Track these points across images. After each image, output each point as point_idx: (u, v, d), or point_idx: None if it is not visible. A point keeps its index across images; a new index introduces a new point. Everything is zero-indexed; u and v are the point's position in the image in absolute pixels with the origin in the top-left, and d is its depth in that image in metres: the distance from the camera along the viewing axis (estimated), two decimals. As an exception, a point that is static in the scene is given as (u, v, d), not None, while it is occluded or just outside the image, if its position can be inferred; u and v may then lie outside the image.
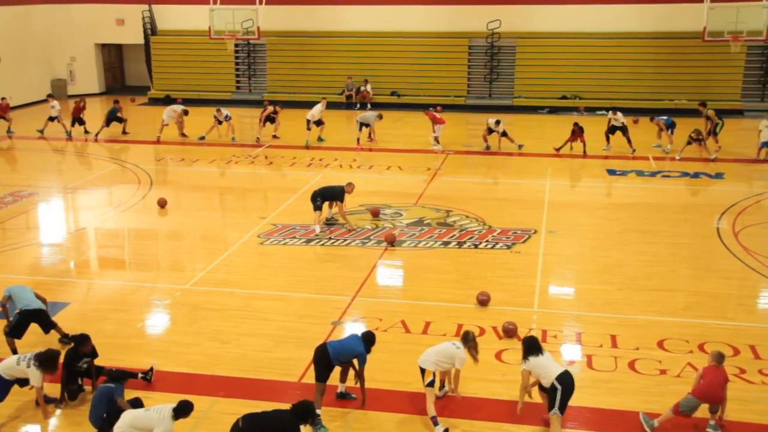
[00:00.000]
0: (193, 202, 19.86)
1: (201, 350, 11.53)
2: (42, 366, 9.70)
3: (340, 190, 16.75)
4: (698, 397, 9.25)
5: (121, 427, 8.59)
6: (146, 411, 8.78)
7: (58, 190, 20.80)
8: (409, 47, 33.10)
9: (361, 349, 9.74)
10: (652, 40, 31.43)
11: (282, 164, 23.15)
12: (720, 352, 9.59)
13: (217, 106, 26.73)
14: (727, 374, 9.44)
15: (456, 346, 9.67)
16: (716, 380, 9.28)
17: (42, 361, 9.73)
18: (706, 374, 9.37)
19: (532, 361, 9.20)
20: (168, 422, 8.55)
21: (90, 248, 16.65)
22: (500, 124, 24.11)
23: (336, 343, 9.96)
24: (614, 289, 13.71)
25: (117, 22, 36.18)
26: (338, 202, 16.73)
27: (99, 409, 9.26)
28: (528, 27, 32.51)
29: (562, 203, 19.01)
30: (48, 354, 9.85)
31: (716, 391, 9.23)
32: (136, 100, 35.16)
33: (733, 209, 18.24)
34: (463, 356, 9.60)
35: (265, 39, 33.65)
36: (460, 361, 9.60)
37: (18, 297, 11.49)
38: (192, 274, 14.59)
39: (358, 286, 13.81)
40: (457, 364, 9.59)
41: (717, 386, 9.24)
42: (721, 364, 9.46)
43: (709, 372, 9.37)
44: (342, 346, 9.80)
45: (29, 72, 34.18)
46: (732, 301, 13.40)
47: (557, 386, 8.90)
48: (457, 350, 9.63)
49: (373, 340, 9.95)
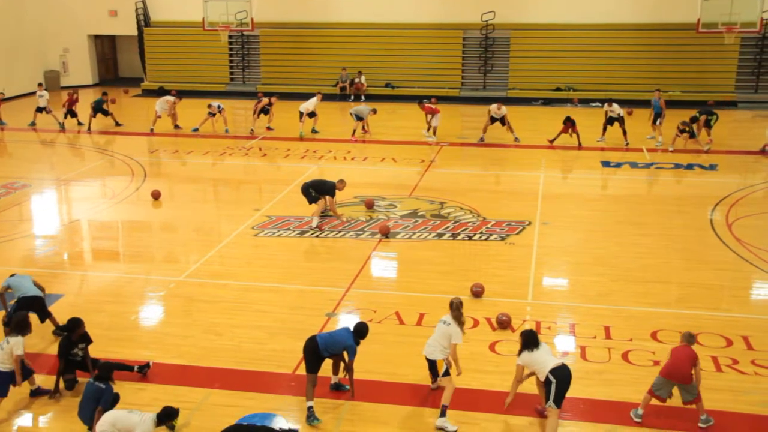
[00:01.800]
0: (187, 193, 19.83)
1: (195, 342, 11.53)
2: (17, 329, 9.83)
3: (331, 185, 16.71)
4: (665, 375, 9.34)
5: (102, 426, 8.60)
6: (129, 413, 8.75)
7: (51, 182, 20.74)
8: (404, 39, 33.04)
9: (350, 341, 9.71)
10: (646, 32, 31.43)
11: (276, 156, 23.12)
12: (690, 333, 9.68)
13: (208, 102, 26.58)
14: (696, 355, 9.43)
15: (446, 323, 9.63)
16: (681, 357, 9.34)
17: (15, 326, 9.88)
18: (672, 353, 9.46)
19: (525, 356, 9.19)
20: (149, 425, 8.56)
21: (83, 240, 16.61)
22: (502, 108, 24.08)
23: (326, 335, 9.95)
24: (608, 280, 13.74)
25: (110, 13, 36.02)
26: (329, 197, 16.70)
27: (88, 408, 9.19)
28: (522, 18, 32.48)
29: (556, 195, 19.02)
30: (18, 318, 10.04)
31: (681, 368, 9.26)
32: (130, 91, 35.05)
33: (727, 200, 18.29)
34: (458, 330, 9.55)
35: (259, 30, 33.56)
36: (457, 336, 9.53)
37: (17, 287, 11.53)
38: (186, 266, 14.58)
39: (353, 278, 13.81)
40: (454, 339, 9.53)
41: (681, 363, 9.28)
42: (691, 344, 9.53)
43: (676, 350, 9.47)
44: (332, 338, 9.78)
45: (22, 63, 34.04)
46: (725, 292, 13.45)
47: (551, 379, 8.92)
48: (448, 327, 9.59)
49: (364, 333, 9.89)
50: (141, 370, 10.52)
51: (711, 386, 10.13)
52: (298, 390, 9.99)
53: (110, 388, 9.29)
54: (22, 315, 10.22)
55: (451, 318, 9.63)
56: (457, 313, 9.64)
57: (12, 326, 9.98)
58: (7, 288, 11.65)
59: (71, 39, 36.09)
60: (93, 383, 9.31)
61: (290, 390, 10.17)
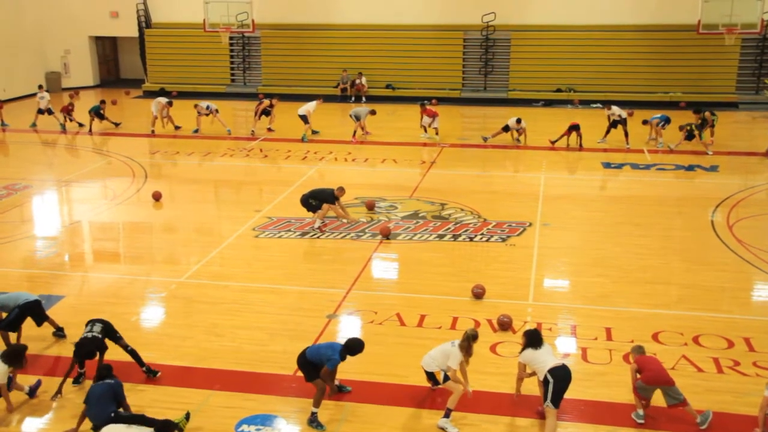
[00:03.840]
0: (188, 195, 19.83)
1: (196, 343, 11.52)
2: (7, 360, 9.62)
3: (330, 192, 16.59)
4: (646, 382, 9.37)
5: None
6: (128, 428, 8.60)
7: (52, 183, 20.74)
8: (404, 40, 33.04)
9: (334, 355, 9.53)
10: (646, 33, 31.42)
11: (277, 157, 23.11)
12: (639, 345, 9.97)
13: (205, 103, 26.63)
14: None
15: (452, 345, 9.58)
16: (655, 362, 9.52)
17: (8, 356, 9.66)
18: (645, 363, 9.49)
19: (527, 353, 9.27)
20: None
21: (84, 241, 16.61)
22: (521, 122, 24.17)
23: (314, 347, 9.87)
24: (609, 281, 13.73)
25: (111, 14, 36.04)
26: (331, 205, 16.61)
27: (106, 407, 8.96)
28: (523, 20, 32.49)
29: (557, 196, 19.01)
30: (15, 348, 9.84)
31: (660, 371, 9.39)
32: (131, 93, 35.06)
33: (728, 202, 18.28)
34: (457, 353, 9.46)
35: (260, 32, 33.58)
36: (454, 359, 9.43)
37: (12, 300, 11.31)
38: (187, 267, 14.57)
39: (353, 279, 13.80)
40: (450, 361, 9.45)
41: (658, 368, 9.42)
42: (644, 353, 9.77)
43: (645, 360, 9.56)
44: (317, 351, 9.68)
45: (23, 65, 34.06)
46: (726, 294, 13.43)
47: (549, 379, 8.95)
48: (452, 348, 9.53)
49: (355, 350, 9.63)
50: (149, 372, 10.50)
51: (712, 388, 10.14)
52: (299, 391, 9.98)
53: (118, 381, 9.26)
54: (20, 348, 9.93)
55: (459, 344, 9.54)
56: (466, 344, 9.52)
57: (7, 354, 9.69)
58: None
59: (72, 40, 36.10)
60: (102, 383, 9.17)
61: (291, 391, 10.15)
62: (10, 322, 11.21)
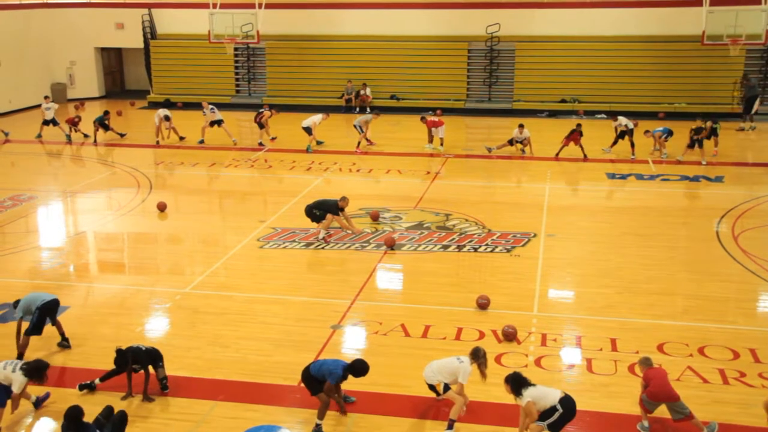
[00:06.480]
0: (193, 205, 19.87)
1: (200, 354, 11.52)
2: (28, 374, 9.67)
3: (333, 203, 16.59)
4: (651, 398, 9.36)
5: None
6: None
7: (57, 194, 20.79)
8: (409, 51, 33.08)
9: (337, 371, 9.54)
10: (651, 44, 31.43)
11: (281, 168, 23.14)
12: (647, 357, 9.93)
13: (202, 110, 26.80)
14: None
15: (460, 361, 9.57)
16: (660, 376, 9.46)
17: (30, 369, 9.70)
18: (651, 378, 9.46)
19: (531, 391, 8.93)
20: None
21: (89, 252, 16.64)
22: (523, 128, 24.24)
23: (319, 362, 9.87)
24: (614, 292, 13.70)
25: (117, 26, 36.17)
26: (335, 216, 16.59)
27: None
28: (527, 31, 32.52)
29: (562, 207, 19.00)
30: (38, 364, 9.85)
31: (664, 386, 9.34)
32: (136, 104, 35.16)
33: (733, 212, 18.24)
34: (468, 369, 9.46)
35: (265, 43, 33.66)
36: (464, 375, 9.45)
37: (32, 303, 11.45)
38: (191, 278, 14.58)
39: (358, 290, 13.79)
40: (461, 378, 9.46)
41: (663, 383, 9.37)
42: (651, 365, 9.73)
43: (652, 373, 9.53)
44: (321, 366, 9.67)
45: (29, 76, 34.15)
46: (731, 305, 13.39)
47: (558, 408, 8.78)
48: (460, 364, 9.50)
49: (358, 372, 9.63)
50: (162, 382, 10.48)
51: (718, 399, 10.10)
52: (303, 402, 9.97)
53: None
54: (42, 365, 9.90)
55: (469, 361, 9.53)
56: (484, 360, 9.54)
57: (29, 368, 9.73)
58: (21, 318, 11.50)
59: (78, 51, 36.23)
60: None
61: (295, 402, 10.14)
62: (35, 326, 11.33)
